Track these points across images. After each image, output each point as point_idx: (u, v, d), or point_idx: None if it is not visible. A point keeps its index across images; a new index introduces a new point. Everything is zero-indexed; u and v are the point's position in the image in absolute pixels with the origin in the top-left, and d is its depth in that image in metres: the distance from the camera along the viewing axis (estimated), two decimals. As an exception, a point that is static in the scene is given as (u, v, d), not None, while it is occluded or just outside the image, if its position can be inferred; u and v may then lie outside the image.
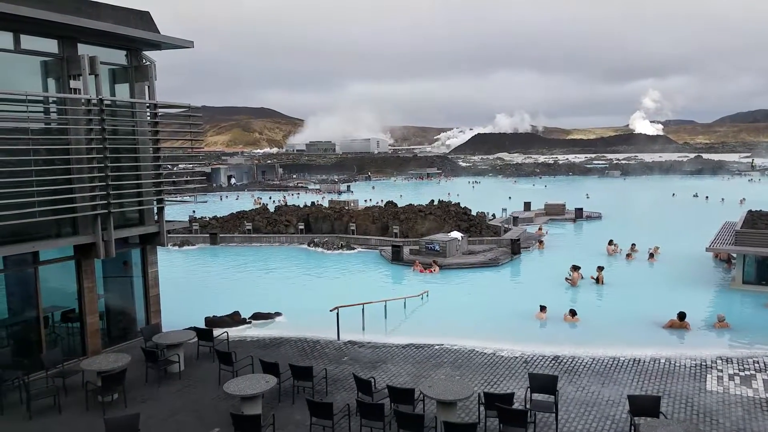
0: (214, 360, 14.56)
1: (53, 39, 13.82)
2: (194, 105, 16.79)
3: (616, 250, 32.15)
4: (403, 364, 15.02)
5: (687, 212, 53.15)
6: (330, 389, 13.18)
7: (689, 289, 24.36)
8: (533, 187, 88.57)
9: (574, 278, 25.27)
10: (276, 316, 20.40)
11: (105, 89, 14.75)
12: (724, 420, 11.43)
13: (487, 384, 13.53)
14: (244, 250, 36.46)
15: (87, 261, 14.86)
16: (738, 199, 56.56)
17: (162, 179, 16.22)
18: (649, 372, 14.11)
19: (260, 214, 42.16)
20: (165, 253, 29.84)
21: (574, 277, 25.31)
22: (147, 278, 16.95)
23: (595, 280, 25.27)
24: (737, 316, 19.38)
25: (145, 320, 16.87)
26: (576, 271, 25.54)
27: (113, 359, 13.20)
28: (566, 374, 14.02)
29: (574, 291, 24.31)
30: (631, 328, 18.86)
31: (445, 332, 17.73)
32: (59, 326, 15.34)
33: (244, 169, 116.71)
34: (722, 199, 60.09)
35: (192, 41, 16.73)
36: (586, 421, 11.52)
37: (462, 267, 29.51)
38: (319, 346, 16.63)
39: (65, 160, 13.83)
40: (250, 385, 11.45)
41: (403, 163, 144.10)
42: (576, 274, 25.40)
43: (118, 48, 15.56)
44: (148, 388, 13.38)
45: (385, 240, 35.77)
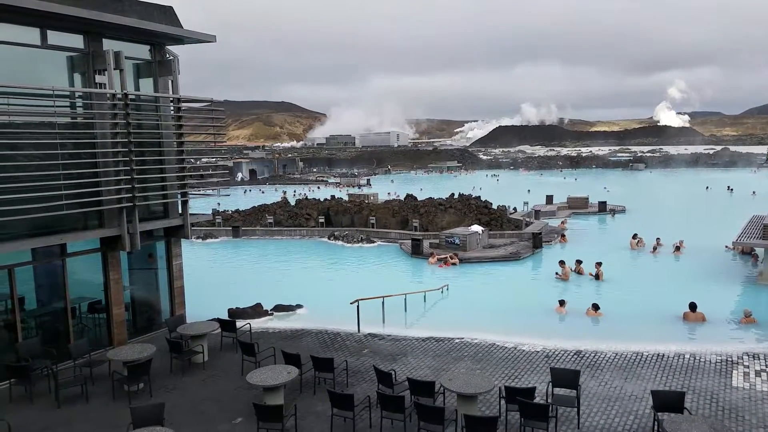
0: (237, 351, 14.74)
1: (79, 34, 14.04)
2: (216, 99, 16.94)
3: (640, 244, 31.72)
4: (424, 357, 15.05)
5: (713, 205, 52.21)
6: (351, 381, 13.27)
7: (715, 283, 23.96)
8: (564, 180, 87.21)
9: (565, 273, 25.03)
10: (297, 308, 20.57)
11: (129, 84, 14.97)
12: (751, 417, 11.25)
13: (508, 378, 13.49)
14: (265, 243, 36.76)
15: (113, 253, 15.13)
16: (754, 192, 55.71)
17: (185, 173, 16.41)
18: (674, 367, 13.93)
19: (281, 207, 42.44)
20: (189, 245, 30.22)
21: (565, 271, 25.08)
22: (171, 270, 17.20)
23: (594, 276, 24.96)
24: (764, 312, 18.97)
25: (169, 311, 17.14)
26: (565, 266, 25.32)
27: (139, 349, 13.45)
28: (588, 369, 13.91)
29: (597, 285, 23.98)
30: (655, 323, 18.61)
31: (466, 326, 17.67)
32: (86, 317, 15.67)
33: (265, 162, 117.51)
34: (753, 192, 58.90)
35: (214, 35, 16.87)
36: (608, 416, 11.43)
37: (482, 261, 29.39)
38: (340, 338, 16.73)
39: (91, 154, 14.07)
40: (273, 376, 11.58)
41: (423, 157, 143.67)
42: (566, 269, 25.16)
43: (142, 43, 15.74)
44: (172, 378, 13.61)
45: (405, 234, 35.72)
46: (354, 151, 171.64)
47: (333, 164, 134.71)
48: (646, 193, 67.75)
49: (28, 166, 13.04)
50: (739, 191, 61.74)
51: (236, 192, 74.74)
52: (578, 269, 25.80)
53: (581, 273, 25.61)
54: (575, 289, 23.58)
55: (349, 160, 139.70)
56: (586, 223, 43.32)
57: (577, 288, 23.76)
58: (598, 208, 47.95)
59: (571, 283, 24.59)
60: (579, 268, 25.82)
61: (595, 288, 23.84)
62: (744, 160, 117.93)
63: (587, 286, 24.15)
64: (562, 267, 25.37)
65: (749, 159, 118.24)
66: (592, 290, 23.41)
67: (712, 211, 47.12)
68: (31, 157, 12.98)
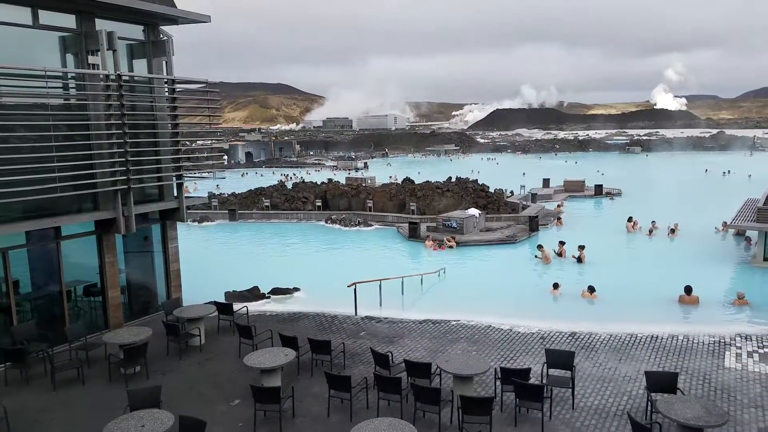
0: (234, 334, 14.78)
1: (71, 14, 13.84)
2: (212, 81, 16.78)
3: (636, 227, 31.81)
4: (420, 339, 15.12)
5: (708, 188, 52.31)
6: (348, 363, 13.33)
7: (709, 266, 24.10)
8: (565, 163, 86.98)
9: (545, 256, 25.08)
10: (294, 291, 20.61)
11: (123, 65, 14.82)
12: (742, 397, 11.36)
13: (504, 359, 13.57)
14: (262, 227, 36.74)
15: (108, 236, 15.07)
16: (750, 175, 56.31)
17: (180, 155, 16.30)
18: (667, 348, 14.04)
19: (278, 190, 42.35)
20: (185, 228, 30.21)
21: (544, 254, 25.13)
22: (167, 253, 17.16)
23: (576, 259, 25.06)
24: (757, 294, 19.12)
25: (165, 295, 17.14)
26: (544, 249, 25.42)
27: (135, 332, 13.45)
28: (583, 350, 14.00)
29: (590, 268, 24.03)
30: (650, 305, 18.74)
31: (462, 308, 17.74)
32: (82, 300, 15.65)
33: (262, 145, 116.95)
34: (749, 175, 59.05)
35: (209, 16, 16.67)
36: (602, 396, 11.53)
37: (479, 244, 29.44)
38: (337, 321, 16.78)
39: (85, 135, 13.92)
40: (270, 359, 11.61)
41: (420, 140, 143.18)
42: (545, 252, 25.22)
43: (135, 23, 15.55)
44: (169, 361, 13.64)
45: (402, 217, 35.75)
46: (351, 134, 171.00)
47: (330, 147, 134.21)
48: (642, 176, 67.78)
49: (21, 148, 12.92)
50: (733, 174, 61.85)
51: (233, 175, 74.44)
52: (561, 251, 25.91)
53: (563, 255, 25.72)
54: (557, 272, 23.62)
55: (346, 143, 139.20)
56: (582, 207, 43.39)
57: (560, 271, 23.86)
58: (594, 191, 48.02)
59: (552, 266, 24.72)
60: (561, 249, 25.94)
61: (577, 270, 23.97)
62: (739, 143, 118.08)
63: (570, 269, 24.28)
64: (540, 250, 25.54)
65: (744, 142, 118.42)
66: (575, 272, 23.52)
67: (706, 194, 47.23)
68: (25, 139, 12.86)
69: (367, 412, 10.83)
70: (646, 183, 58.95)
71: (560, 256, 25.78)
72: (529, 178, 56.00)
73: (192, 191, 48.24)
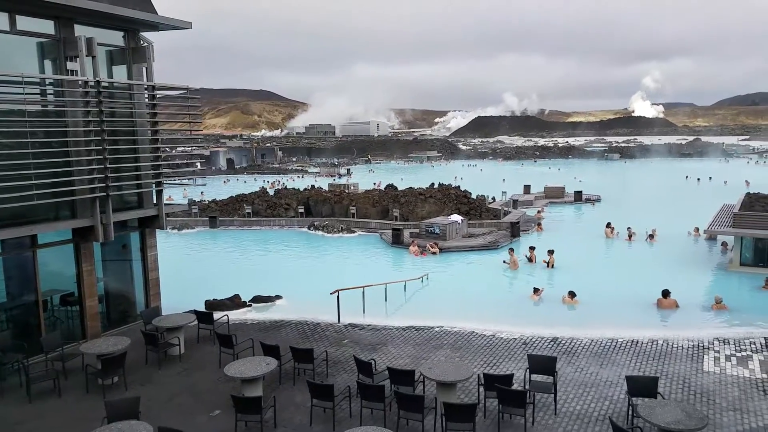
0: (214, 343, 14.61)
1: (49, 20, 13.65)
2: (192, 87, 16.66)
3: (614, 233, 32.17)
4: (404, 346, 15.09)
5: (685, 194, 53.10)
6: (330, 371, 13.25)
7: (687, 271, 24.46)
8: (549, 170, 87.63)
9: (513, 261, 25.31)
10: (276, 299, 20.46)
11: (102, 71, 14.64)
12: (721, 400, 11.51)
13: (487, 365, 13.60)
14: (243, 234, 36.46)
15: (86, 244, 14.82)
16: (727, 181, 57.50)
17: (160, 162, 16.13)
18: (647, 353, 14.18)
19: (260, 197, 42.09)
20: (164, 236, 29.88)
21: (513, 259, 25.37)
22: (146, 261, 16.94)
23: (546, 264, 25.33)
24: (734, 298, 19.45)
25: (144, 303, 16.90)
26: (513, 255, 25.69)
27: (113, 342, 13.24)
28: (565, 355, 14.09)
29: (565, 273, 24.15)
30: (630, 310, 18.96)
31: (445, 314, 17.77)
32: (58, 310, 15.35)
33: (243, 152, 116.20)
34: (725, 182, 60.14)
35: (190, 22, 16.56)
36: (584, 401, 11.60)
37: (462, 250, 29.55)
38: (320, 328, 16.68)
39: (63, 142, 13.73)
40: (251, 368, 11.49)
41: (403, 147, 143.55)
42: (514, 257, 25.47)
43: (115, 29, 15.39)
44: (148, 371, 13.44)
45: (386, 223, 35.73)
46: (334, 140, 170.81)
47: (313, 154, 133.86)
48: (621, 182, 68.65)
49: (-3, 155, 12.69)
50: (713, 181, 62.95)
51: (214, 181, 73.89)
52: (531, 256, 26.13)
53: (533, 261, 25.94)
54: (528, 277, 23.85)
55: (329, 150, 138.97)
56: (563, 213, 43.81)
57: (531, 276, 24.12)
58: (574, 197, 48.57)
59: (524, 272, 24.92)
60: (532, 255, 26.19)
61: (553, 275, 24.20)
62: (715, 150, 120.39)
63: (542, 273, 24.53)
64: (510, 255, 25.68)
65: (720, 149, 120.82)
66: (553, 278, 23.74)
67: (684, 200, 47.91)
68: (1, 146, 12.61)
69: (350, 421, 10.76)
70: (625, 189, 59.74)
71: (530, 262, 26.01)
72: (510, 184, 56.42)
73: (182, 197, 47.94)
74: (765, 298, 20.30)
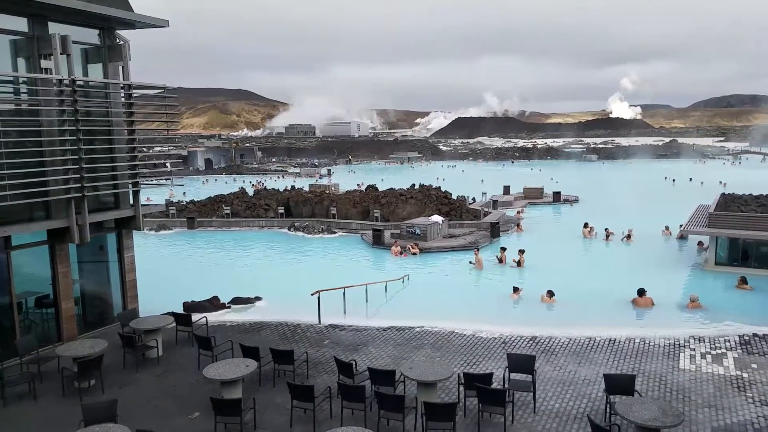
0: (193, 345, 14.47)
1: (23, 17, 13.41)
2: (170, 86, 16.49)
3: (592, 233, 32.55)
4: (384, 347, 15.09)
5: (662, 195, 53.91)
6: (311, 372, 13.20)
7: (664, 270, 24.85)
8: (531, 171, 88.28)
9: (478, 261, 25.55)
10: (256, 300, 20.32)
11: (77, 69, 14.41)
12: (696, 397, 11.71)
13: (467, 364, 13.66)
14: (222, 235, 36.16)
15: (61, 246, 14.59)
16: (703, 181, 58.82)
17: (137, 162, 15.93)
18: (625, 351, 14.37)
19: (239, 198, 41.78)
20: (141, 237, 29.49)
21: (478, 259, 25.60)
22: (123, 263, 16.72)
23: (516, 263, 25.61)
24: (709, 297, 19.77)
25: (122, 305, 16.68)
26: (478, 255, 25.94)
27: (89, 345, 13.03)
28: (544, 354, 14.22)
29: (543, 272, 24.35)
30: (607, 309, 19.19)
31: (426, 314, 17.81)
32: (33, 312, 15.09)
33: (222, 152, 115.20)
34: (701, 182, 61.27)
35: (167, 20, 16.36)
36: (563, 399, 11.71)
37: (442, 250, 29.64)
38: (300, 330, 16.61)
39: (37, 142, 13.49)
40: (230, 370, 11.40)
41: (384, 147, 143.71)
42: (479, 258, 25.71)
43: (90, 27, 15.16)
44: (126, 374, 13.26)
45: (366, 224, 35.72)
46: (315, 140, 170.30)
47: (293, 154, 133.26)
48: (599, 183, 69.46)
49: (-32, 155, 12.42)
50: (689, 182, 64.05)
51: (193, 182, 73.16)
52: (501, 257, 26.41)
53: (503, 261, 26.20)
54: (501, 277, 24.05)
55: (309, 150, 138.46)
56: (541, 213, 44.22)
57: (501, 276, 24.38)
58: (553, 198, 49.07)
59: (495, 272, 25.14)
60: (502, 255, 26.46)
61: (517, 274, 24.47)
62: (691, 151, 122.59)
63: (510, 273, 24.76)
64: (475, 255, 25.96)
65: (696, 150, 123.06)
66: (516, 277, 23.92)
67: (660, 201, 48.65)
68: (-29, 146, 12.35)
69: (330, 422, 10.73)
70: (603, 190, 60.46)
71: (501, 262, 26.23)
72: (490, 185, 56.77)
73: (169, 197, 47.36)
74: (739, 296, 20.69)
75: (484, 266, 25.55)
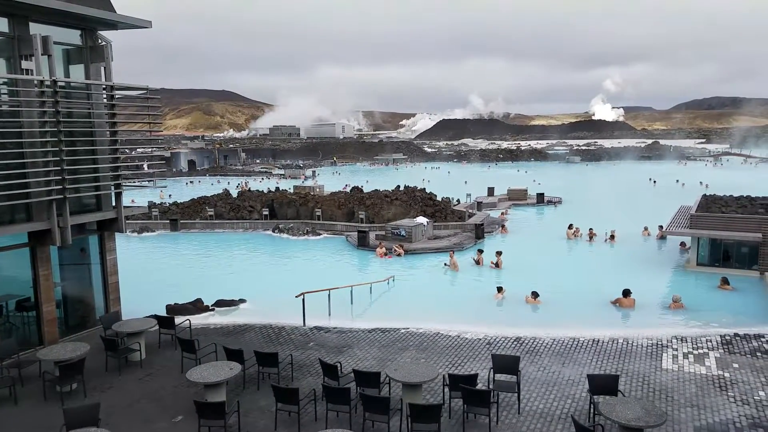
0: (176, 348, 14.33)
1: (3, 17, 13.26)
2: (152, 87, 16.35)
3: (576, 234, 32.83)
4: (369, 348, 15.08)
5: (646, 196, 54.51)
6: (296, 375, 13.15)
7: (647, 270, 25.11)
8: (518, 172, 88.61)
9: (453, 263, 25.76)
10: (240, 302, 20.19)
11: (59, 70, 14.24)
12: (679, 397, 11.85)
13: (452, 366, 13.70)
14: (206, 237, 35.90)
15: (42, 248, 14.39)
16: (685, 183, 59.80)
17: (119, 163, 15.76)
18: (608, 352, 14.50)
19: (222, 199, 41.53)
20: (124, 239, 29.22)
21: (453, 262, 25.82)
22: (105, 265, 16.53)
23: (494, 265, 25.86)
24: (691, 297, 20.02)
25: (104, 308, 16.49)
26: (453, 257, 26.15)
27: (71, 348, 12.87)
28: (528, 355, 14.30)
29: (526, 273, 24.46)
30: (591, 310, 19.35)
31: (411, 316, 17.83)
32: (14, 315, 14.88)
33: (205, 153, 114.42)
34: (682, 183, 62.09)
35: (150, 21, 16.22)
36: (547, 400, 11.78)
37: (427, 252, 29.70)
38: (285, 332, 16.54)
39: (17, 143, 13.29)
40: (214, 373, 11.32)
41: (369, 149, 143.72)
42: (454, 260, 25.93)
43: (72, 27, 15.00)
44: (108, 377, 13.11)
45: (351, 225, 35.69)
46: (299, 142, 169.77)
47: (277, 155, 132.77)
48: (582, 184, 70.08)
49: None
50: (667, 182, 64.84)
51: (176, 183, 72.54)
52: (478, 259, 26.66)
53: (480, 263, 26.45)
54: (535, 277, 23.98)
55: (294, 152, 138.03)
56: (526, 214, 44.50)
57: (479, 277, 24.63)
58: (537, 199, 49.41)
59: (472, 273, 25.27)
60: (479, 258, 26.71)
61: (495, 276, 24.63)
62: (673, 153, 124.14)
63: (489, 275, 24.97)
64: (450, 257, 26.14)
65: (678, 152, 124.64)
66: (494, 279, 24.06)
67: (644, 202, 49.20)
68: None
69: (315, 425, 10.71)
70: (586, 191, 61.00)
71: (478, 264, 26.39)
72: (475, 186, 56.98)
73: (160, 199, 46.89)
74: (721, 297, 20.96)
75: (461, 268, 25.63)
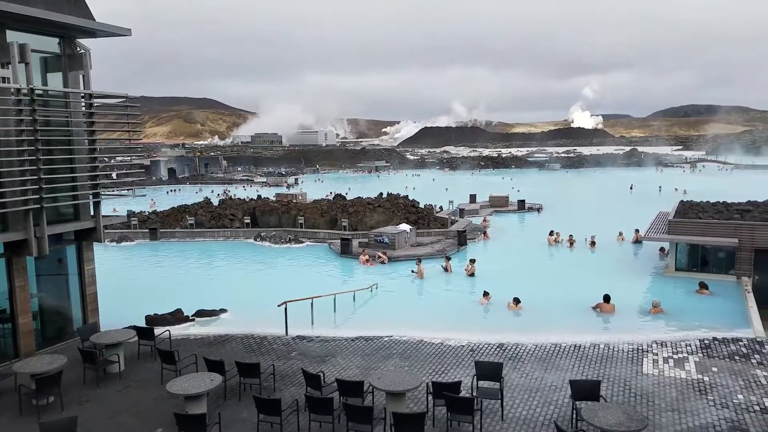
0: (155, 359, 14.12)
1: (-22, 24, 13.01)
2: (132, 95, 16.19)
3: (557, 240, 33.11)
4: (353, 357, 15.01)
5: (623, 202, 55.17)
6: (278, 385, 13.02)
7: (626, 276, 25.39)
8: (503, 179, 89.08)
9: (419, 270, 25.89)
10: (221, 312, 19.97)
11: (36, 78, 14.03)
12: (660, 401, 11.96)
13: (435, 373, 13.68)
14: (186, 246, 35.50)
15: (18, 258, 14.12)
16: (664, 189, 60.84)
17: (98, 172, 15.55)
18: (590, 357, 14.60)
19: (203, 208, 41.16)
20: (102, 249, 28.79)
21: (419, 269, 25.96)
22: (83, 276, 16.26)
23: (469, 273, 25.98)
24: (671, 302, 20.26)
25: (82, 320, 16.21)
26: (420, 264, 26.28)
27: (48, 361, 12.61)
28: (511, 361, 14.34)
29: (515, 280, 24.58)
30: (573, 315, 19.49)
31: (395, 324, 17.80)
32: (-12, 328, 14.53)
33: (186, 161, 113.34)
34: (659, 188, 63.07)
35: (129, 29, 16.07)
36: (530, 406, 11.82)
37: (411, 258, 29.66)
38: (267, 342, 16.40)
39: (-8, 152, 13.05)
40: (194, 384, 11.17)
41: (351, 156, 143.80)
42: (420, 267, 26.06)
43: (50, 35, 14.79)
44: (86, 390, 12.86)
45: (334, 233, 35.59)
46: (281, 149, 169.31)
47: (259, 163, 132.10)
48: (562, 191, 70.76)
49: None
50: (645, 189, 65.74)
51: (156, 192, 71.73)
52: (447, 266, 26.83)
53: (449, 270, 26.63)
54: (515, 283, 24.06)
55: (276, 159, 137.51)
56: (507, 221, 44.78)
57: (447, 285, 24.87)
58: (518, 206, 49.80)
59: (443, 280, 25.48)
60: (447, 265, 26.90)
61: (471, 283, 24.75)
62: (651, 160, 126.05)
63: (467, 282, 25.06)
64: (417, 265, 26.29)
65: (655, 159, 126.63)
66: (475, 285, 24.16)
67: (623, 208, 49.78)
68: None
69: (298, 435, 10.60)
70: (566, 198, 61.59)
71: (446, 271, 26.55)
72: (456, 193, 57.22)
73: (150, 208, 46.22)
74: (699, 301, 21.22)
75: (426, 276, 25.61)
